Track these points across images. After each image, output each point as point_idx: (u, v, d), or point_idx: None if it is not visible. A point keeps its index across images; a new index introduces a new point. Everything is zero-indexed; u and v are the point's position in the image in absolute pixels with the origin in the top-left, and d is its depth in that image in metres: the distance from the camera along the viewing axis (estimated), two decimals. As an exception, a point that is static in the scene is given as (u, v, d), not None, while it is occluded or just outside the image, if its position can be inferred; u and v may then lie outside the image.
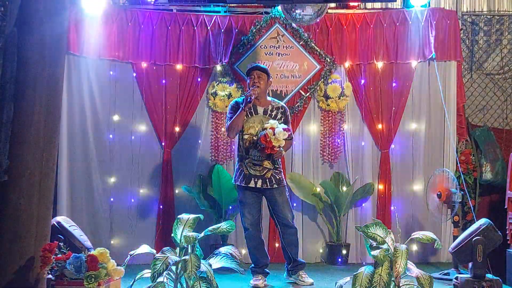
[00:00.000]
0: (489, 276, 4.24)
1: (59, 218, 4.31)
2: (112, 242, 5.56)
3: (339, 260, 5.57)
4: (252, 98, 4.49)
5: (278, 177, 4.58)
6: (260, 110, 4.62)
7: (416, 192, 5.82)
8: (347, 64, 5.80)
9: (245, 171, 4.55)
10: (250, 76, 4.62)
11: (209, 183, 5.51)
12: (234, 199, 5.19)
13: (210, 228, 3.77)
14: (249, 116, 4.58)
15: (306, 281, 4.59)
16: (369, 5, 5.99)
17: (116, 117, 5.68)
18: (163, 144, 5.70)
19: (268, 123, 4.44)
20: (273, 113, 4.62)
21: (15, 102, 3.56)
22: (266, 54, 5.79)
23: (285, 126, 4.48)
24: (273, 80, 5.41)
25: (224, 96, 5.65)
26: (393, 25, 5.78)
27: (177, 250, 3.61)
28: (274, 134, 4.33)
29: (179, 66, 5.70)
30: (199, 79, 5.74)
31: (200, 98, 5.75)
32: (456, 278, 4.31)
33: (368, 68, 5.82)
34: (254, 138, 4.52)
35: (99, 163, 5.62)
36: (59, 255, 3.70)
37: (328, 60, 5.77)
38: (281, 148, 4.43)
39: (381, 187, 5.78)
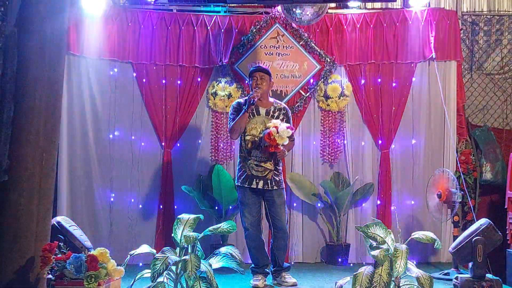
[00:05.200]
0: (489, 276, 4.23)
1: (59, 218, 4.30)
2: (112, 242, 5.56)
3: (339, 260, 5.57)
4: (255, 100, 4.49)
5: (277, 179, 4.58)
6: (262, 111, 4.62)
7: (416, 192, 5.82)
8: (347, 64, 5.80)
9: (248, 172, 4.54)
10: (252, 78, 4.62)
11: (209, 183, 5.51)
12: (234, 199, 5.19)
13: (210, 228, 3.76)
14: (251, 117, 4.58)
15: (289, 281, 4.59)
16: (369, 5, 5.99)
17: (116, 117, 5.68)
18: (163, 144, 5.70)
19: (271, 123, 4.45)
20: (275, 114, 4.62)
21: (15, 102, 3.55)
22: (266, 54, 5.79)
23: (288, 124, 4.48)
24: (273, 80, 5.41)
25: (224, 96, 5.65)
26: (393, 25, 5.78)
27: (177, 250, 3.61)
28: (277, 132, 4.33)
29: (179, 66, 5.70)
30: (199, 79, 5.74)
31: (200, 98, 5.75)
32: (456, 278, 4.30)
33: (368, 68, 5.82)
34: (256, 139, 4.52)
35: (99, 163, 5.63)
36: (59, 255, 3.69)
37: (328, 60, 5.77)
38: (283, 148, 4.44)
39: (381, 187, 5.78)
